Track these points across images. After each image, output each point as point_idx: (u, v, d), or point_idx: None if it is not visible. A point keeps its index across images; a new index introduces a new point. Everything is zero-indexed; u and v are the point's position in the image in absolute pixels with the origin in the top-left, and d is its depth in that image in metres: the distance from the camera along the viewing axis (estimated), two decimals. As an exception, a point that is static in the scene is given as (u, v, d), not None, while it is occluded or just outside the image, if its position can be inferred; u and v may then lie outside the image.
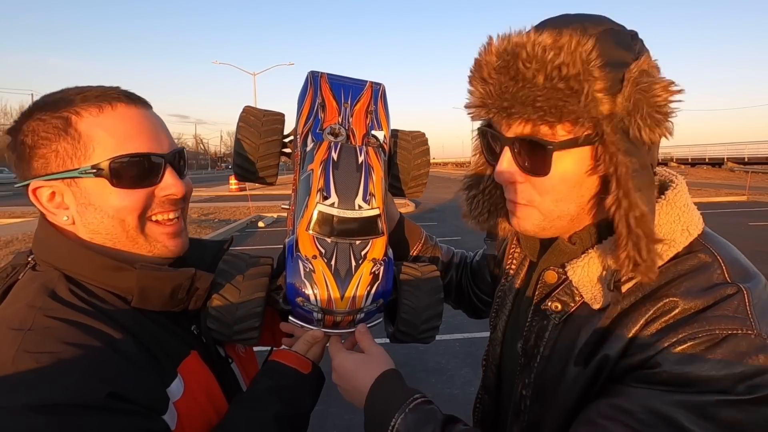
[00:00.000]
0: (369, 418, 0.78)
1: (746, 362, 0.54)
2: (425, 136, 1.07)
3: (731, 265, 0.62)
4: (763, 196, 16.32)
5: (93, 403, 0.59)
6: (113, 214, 0.73)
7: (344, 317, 0.87)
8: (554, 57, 0.58)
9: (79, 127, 0.70)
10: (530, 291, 0.81)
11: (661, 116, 0.60)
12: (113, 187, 0.71)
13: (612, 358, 0.63)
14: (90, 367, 0.62)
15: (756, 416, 0.54)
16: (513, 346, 0.82)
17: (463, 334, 4.26)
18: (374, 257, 0.86)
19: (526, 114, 0.62)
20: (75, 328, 0.65)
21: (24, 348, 0.60)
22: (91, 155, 0.70)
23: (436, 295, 0.94)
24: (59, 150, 0.70)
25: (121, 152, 0.71)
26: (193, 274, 0.77)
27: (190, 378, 0.76)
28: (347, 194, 0.84)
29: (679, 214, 0.67)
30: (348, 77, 1.00)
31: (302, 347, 0.90)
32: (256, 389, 0.84)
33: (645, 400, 0.57)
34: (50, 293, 0.68)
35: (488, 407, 0.93)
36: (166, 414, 0.68)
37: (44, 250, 0.74)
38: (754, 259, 0.69)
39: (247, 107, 0.98)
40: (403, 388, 0.78)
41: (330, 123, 0.93)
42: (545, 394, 0.72)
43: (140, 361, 0.68)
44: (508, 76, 0.61)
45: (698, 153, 43.20)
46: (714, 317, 0.57)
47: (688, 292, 0.60)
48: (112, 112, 0.71)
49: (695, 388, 0.55)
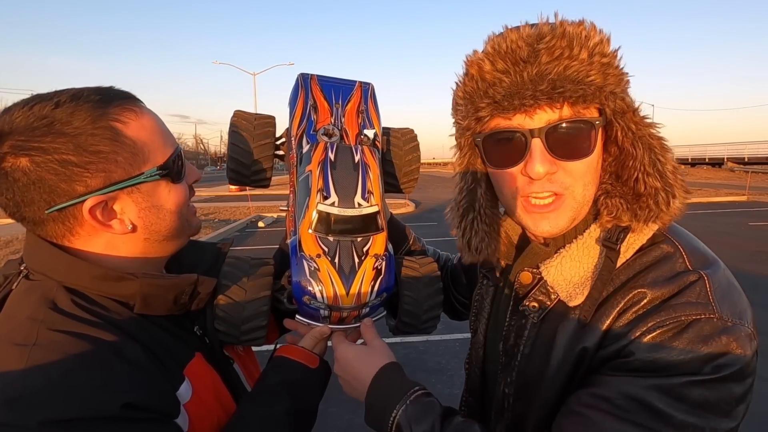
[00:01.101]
0: (370, 410, 0.79)
1: (710, 344, 0.58)
2: (414, 133, 1.08)
3: (692, 254, 0.67)
4: (763, 196, 16.33)
5: (108, 415, 0.59)
6: (175, 210, 0.76)
7: (350, 313, 0.89)
8: (590, 35, 0.64)
9: (129, 133, 0.69)
10: (507, 293, 0.84)
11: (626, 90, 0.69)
12: (173, 184, 0.75)
13: (590, 350, 0.66)
14: (101, 380, 0.61)
15: (723, 393, 0.58)
16: (495, 347, 0.84)
17: (463, 334, 4.26)
18: (376, 253, 0.88)
19: (580, 91, 0.64)
20: (81, 340, 0.63)
21: (32, 364, 0.59)
22: (149, 159, 0.71)
23: (435, 285, 0.97)
24: (118, 160, 0.68)
25: (170, 150, 0.75)
26: (196, 280, 0.77)
27: (196, 380, 0.76)
28: (346, 193, 0.86)
29: None
30: (337, 78, 1.01)
31: (309, 343, 0.91)
32: (266, 385, 0.84)
33: (622, 387, 0.61)
34: (51, 305, 0.66)
35: (473, 409, 0.95)
36: (179, 417, 0.68)
37: (38, 261, 0.71)
38: (754, 259, 0.70)
39: (237, 112, 0.99)
40: (403, 381, 0.80)
41: (323, 124, 0.94)
42: (527, 391, 0.75)
43: (149, 367, 0.67)
44: (550, 56, 0.63)
45: (698, 153, 43.21)
46: (679, 305, 0.61)
47: (654, 282, 0.64)
48: (142, 114, 0.72)
49: (666, 372, 0.59)
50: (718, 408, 0.58)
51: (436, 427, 0.71)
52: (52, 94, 0.67)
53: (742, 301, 0.63)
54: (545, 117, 0.66)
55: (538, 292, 0.75)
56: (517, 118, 0.68)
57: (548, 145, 0.67)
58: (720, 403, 0.58)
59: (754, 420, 0.63)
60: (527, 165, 0.68)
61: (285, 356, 0.88)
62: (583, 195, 0.71)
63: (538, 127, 0.67)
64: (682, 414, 0.58)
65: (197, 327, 0.86)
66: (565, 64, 0.63)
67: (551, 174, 0.68)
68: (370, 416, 0.79)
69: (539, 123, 0.67)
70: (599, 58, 0.63)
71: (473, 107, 0.71)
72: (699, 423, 0.58)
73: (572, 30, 0.63)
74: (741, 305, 0.63)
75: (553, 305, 0.73)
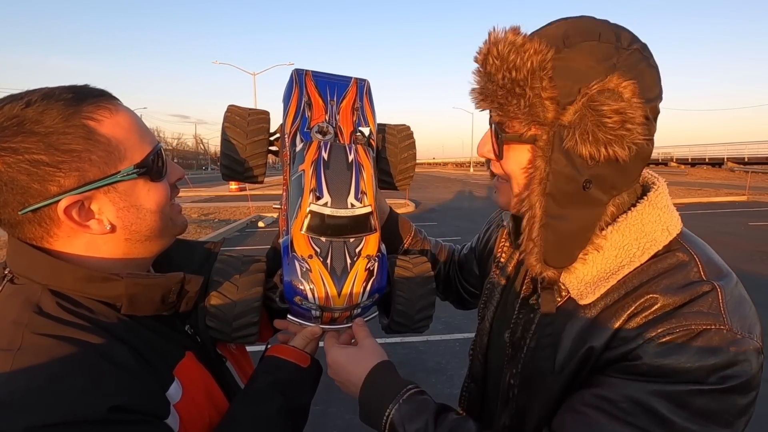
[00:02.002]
0: (364, 410, 0.80)
1: (718, 355, 0.58)
2: (410, 130, 1.07)
3: (707, 264, 0.67)
4: (763, 196, 16.33)
5: (95, 418, 0.58)
6: (156, 209, 0.73)
7: (341, 313, 0.89)
8: (514, 59, 0.62)
9: (103, 131, 0.67)
10: (518, 284, 0.86)
11: (607, 137, 0.61)
12: (153, 183, 0.73)
13: (597, 350, 0.67)
14: (88, 383, 0.60)
15: (726, 404, 0.59)
16: (500, 336, 0.86)
17: (463, 334, 4.26)
18: (368, 254, 0.88)
19: (487, 105, 0.69)
20: (67, 343, 0.62)
21: (17, 369, 0.58)
22: (125, 157, 0.69)
23: (428, 285, 0.97)
24: (92, 159, 0.66)
25: (148, 148, 0.72)
26: (182, 278, 0.76)
27: (187, 380, 0.75)
28: (339, 193, 0.85)
29: (660, 215, 0.70)
30: (332, 74, 1.00)
31: (300, 342, 0.91)
32: (257, 385, 0.84)
33: (626, 390, 0.61)
34: (36, 309, 0.65)
35: (474, 396, 0.97)
36: (169, 418, 0.68)
37: (21, 264, 0.70)
38: (754, 259, 0.70)
39: (231, 107, 0.97)
40: (396, 380, 0.80)
41: (317, 121, 0.93)
42: (532, 384, 0.76)
43: (137, 369, 0.66)
44: (484, 69, 0.67)
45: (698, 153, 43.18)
46: (690, 313, 0.61)
47: (667, 289, 0.64)
48: (117, 111, 0.70)
49: (672, 378, 0.59)
50: (720, 418, 0.59)
51: (430, 424, 0.71)
52: (23, 93, 0.65)
53: (752, 315, 0.64)
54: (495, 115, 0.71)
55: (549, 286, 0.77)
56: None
57: (491, 135, 0.74)
58: (722, 414, 0.59)
59: (754, 420, 0.63)
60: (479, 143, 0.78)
61: (276, 356, 0.88)
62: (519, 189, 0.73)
63: (492, 119, 0.73)
64: (684, 421, 0.58)
65: (188, 326, 0.85)
66: (486, 79, 0.67)
67: (492, 160, 0.76)
68: (365, 417, 0.80)
69: (494, 117, 0.72)
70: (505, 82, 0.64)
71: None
72: (700, 431, 0.58)
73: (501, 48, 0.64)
74: (751, 319, 0.63)
75: (562, 302, 0.74)
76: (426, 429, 0.71)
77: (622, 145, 0.61)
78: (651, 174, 0.77)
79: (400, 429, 0.73)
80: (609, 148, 0.61)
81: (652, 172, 0.77)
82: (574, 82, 0.61)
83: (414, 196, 17.72)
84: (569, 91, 0.62)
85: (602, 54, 0.62)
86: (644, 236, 0.69)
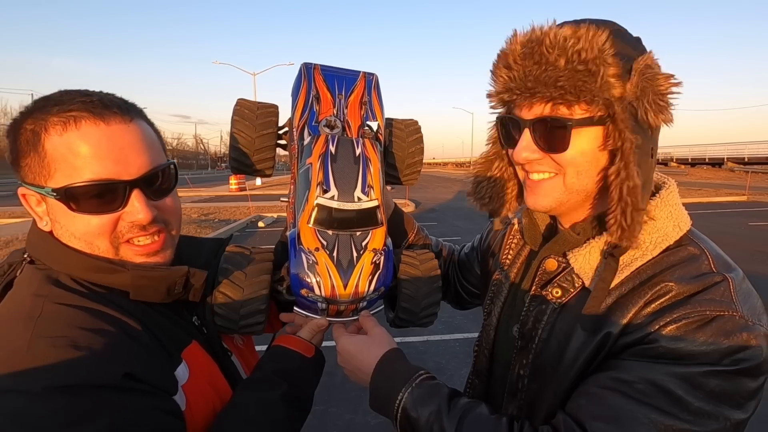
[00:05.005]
0: (375, 396, 0.81)
1: (732, 339, 0.62)
2: (418, 124, 1.07)
3: (716, 258, 0.71)
4: (763, 196, 16.33)
5: (110, 383, 0.61)
6: (80, 236, 0.72)
7: (347, 306, 0.90)
8: (574, 44, 0.66)
9: (45, 145, 0.67)
10: (529, 278, 0.87)
11: (663, 103, 0.68)
12: (74, 213, 0.69)
13: (613, 336, 0.69)
14: (104, 350, 0.63)
15: (738, 386, 0.62)
16: (508, 330, 0.88)
17: (463, 334, 4.26)
18: (375, 247, 0.88)
19: (548, 93, 0.68)
20: (84, 312, 0.66)
21: (38, 334, 0.62)
22: (53, 177, 0.68)
23: (434, 283, 0.97)
24: (31, 165, 0.69)
25: (77, 179, 0.67)
26: (187, 272, 0.78)
27: (194, 364, 0.77)
28: (346, 187, 0.85)
29: (671, 211, 0.74)
30: (341, 68, 1.00)
31: (307, 334, 0.92)
32: (263, 372, 0.86)
33: (642, 372, 0.64)
34: (54, 282, 0.69)
35: (478, 392, 0.97)
36: (177, 396, 0.70)
37: (37, 250, 0.75)
38: (754, 259, 0.71)
39: (240, 100, 0.98)
40: (407, 366, 0.82)
41: (325, 115, 0.94)
42: (543, 374, 0.78)
43: (149, 344, 0.70)
44: (533, 60, 0.68)
45: (698, 153, 43.22)
46: (705, 300, 0.65)
47: (681, 278, 0.68)
48: (76, 131, 0.67)
49: (687, 360, 0.62)
50: (732, 399, 0.62)
51: (443, 408, 0.72)
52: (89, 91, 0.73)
53: (759, 305, 0.67)
54: (538, 110, 0.71)
55: (562, 278, 0.79)
56: (518, 109, 0.74)
57: (533, 135, 0.72)
58: (734, 395, 0.62)
59: (754, 420, 0.64)
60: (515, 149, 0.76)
61: (283, 345, 0.90)
62: (579, 183, 0.73)
63: (528, 119, 0.72)
64: (698, 401, 0.61)
65: (195, 317, 0.86)
66: (543, 69, 0.68)
67: (537, 161, 0.74)
68: (376, 402, 0.81)
69: (531, 115, 0.72)
70: (575, 65, 0.66)
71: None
72: (713, 411, 0.61)
73: (553, 38, 0.67)
74: (759, 309, 0.67)
75: (576, 292, 0.76)
76: (439, 412, 0.72)
77: (669, 109, 0.69)
78: (662, 175, 0.80)
79: (412, 413, 0.73)
80: (665, 113, 0.69)
81: (662, 174, 0.80)
82: (626, 60, 0.67)
83: (414, 196, 17.73)
84: (625, 68, 0.67)
85: (630, 38, 0.70)
86: (656, 231, 0.72)
